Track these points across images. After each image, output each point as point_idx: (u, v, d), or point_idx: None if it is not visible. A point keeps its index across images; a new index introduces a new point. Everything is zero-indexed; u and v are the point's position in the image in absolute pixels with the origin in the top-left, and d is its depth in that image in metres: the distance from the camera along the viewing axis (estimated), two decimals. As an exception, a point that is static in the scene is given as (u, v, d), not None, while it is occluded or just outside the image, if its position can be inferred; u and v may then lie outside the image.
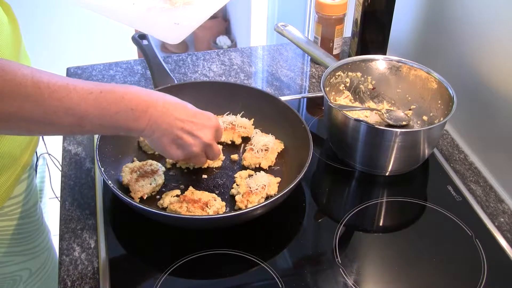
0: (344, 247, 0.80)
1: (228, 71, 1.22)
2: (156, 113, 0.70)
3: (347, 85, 1.02)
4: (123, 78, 1.18)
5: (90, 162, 0.94)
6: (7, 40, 0.79)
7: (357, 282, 0.74)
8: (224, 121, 0.97)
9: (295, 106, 1.10)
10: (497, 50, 0.90)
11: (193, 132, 0.75)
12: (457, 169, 0.96)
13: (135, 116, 0.68)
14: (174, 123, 0.72)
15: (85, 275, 0.75)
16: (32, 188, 0.94)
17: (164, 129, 0.72)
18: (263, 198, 0.83)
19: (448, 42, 1.04)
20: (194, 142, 0.75)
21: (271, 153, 0.91)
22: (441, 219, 0.85)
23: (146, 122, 0.70)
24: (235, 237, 0.80)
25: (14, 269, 0.93)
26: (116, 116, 0.67)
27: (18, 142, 0.85)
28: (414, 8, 1.14)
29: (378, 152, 0.89)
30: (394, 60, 1.01)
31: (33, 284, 0.98)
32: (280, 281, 0.74)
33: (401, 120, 0.98)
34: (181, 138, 0.74)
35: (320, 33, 1.19)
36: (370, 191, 0.91)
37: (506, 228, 0.84)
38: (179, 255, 0.76)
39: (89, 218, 0.84)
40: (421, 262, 0.78)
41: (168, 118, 0.72)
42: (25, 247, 0.94)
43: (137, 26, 1.04)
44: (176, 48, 3.19)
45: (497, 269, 0.77)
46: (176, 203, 0.80)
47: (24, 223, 0.92)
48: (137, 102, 0.68)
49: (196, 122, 0.75)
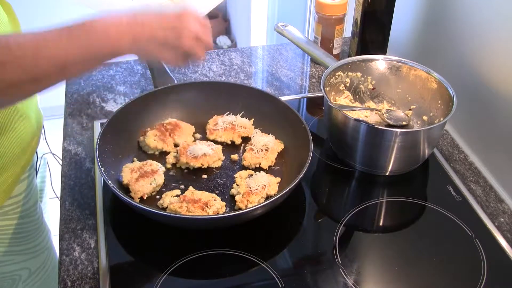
0: (344, 247, 0.80)
1: (228, 71, 1.22)
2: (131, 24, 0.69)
3: (347, 85, 1.02)
4: (123, 78, 1.18)
5: (90, 162, 0.94)
6: None
7: (357, 282, 0.74)
8: (224, 121, 0.97)
9: (295, 106, 1.10)
10: (497, 50, 0.90)
11: (176, 27, 0.72)
12: (457, 169, 0.96)
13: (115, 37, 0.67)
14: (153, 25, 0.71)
15: (85, 275, 0.75)
16: (32, 188, 0.94)
17: (147, 34, 0.70)
18: (263, 198, 0.83)
19: (448, 42, 1.04)
20: (181, 34, 0.73)
21: (271, 153, 0.91)
22: (441, 219, 0.85)
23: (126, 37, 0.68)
24: (235, 237, 0.80)
25: (13, 268, 0.93)
26: (97, 44, 0.66)
27: (18, 141, 0.85)
28: (414, 8, 1.14)
29: (378, 152, 0.89)
30: (394, 60, 1.01)
31: (32, 283, 0.98)
32: (280, 281, 0.74)
33: (401, 120, 0.98)
34: (167, 37, 0.72)
35: (320, 33, 1.19)
36: (370, 191, 0.91)
37: (506, 228, 0.84)
38: (179, 255, 0.76)
39: (89, 218, 0.84)
40: (421, 262, 0.78)
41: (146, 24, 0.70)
42: (24, 247, 0.94)
43: None
44: (176, 48, 3.19)
45: (497, 269, 0.77)
46: (176, 203, 0.80)
47: (24, 222, 0.92)
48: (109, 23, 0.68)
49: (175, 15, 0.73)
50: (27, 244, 0.94)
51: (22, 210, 0.91)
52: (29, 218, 0.93)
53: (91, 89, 1.14)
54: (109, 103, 1.10)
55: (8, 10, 0.84)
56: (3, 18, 0.79)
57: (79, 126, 1.03)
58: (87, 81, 1.17)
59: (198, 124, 0.99)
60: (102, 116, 1.06)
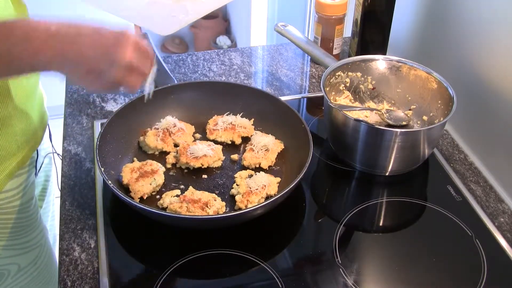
0: (344, 247, 0.80)
1: (228, 71, 1.22)
2: (60, 35, 0.62)
3: (347, 85, 1.02)
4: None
5: (90, 162, 0.94)
6: None
7: (357, 282, 0.74)
8: (224, 121, 0.97)
9: (295, 106, 1.10)
10: (497, 50, 0.90)
11: (109, 52, 0.64)
12: (457, 169, 0.96)
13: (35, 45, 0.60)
14: (86, 42, 0.63)
15: (85, 275, 0.75)
16: (28, 185, 0.94)
17: (75, 52, 0.63)
18: (263, 198, 0.83)
19: (448, 42, 1.04)
20: (113, 62, 0.65)
21: (271, 153, 0.91)
22: (441, 219, 0.85)
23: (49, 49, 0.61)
24: (235, 237, 0.80)
25: (1, 263, 0.93)
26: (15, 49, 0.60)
27: (14, 138, 0.85)
28: (414, 8, 1.14)
29: (378, 152, 0.89)
30: (394, 60, 1.01)
31: (22, 279, 0.97)
32: (280, 281, 0.74)
33: (401, 120, 0.98)
34: (97, 61, 0.64)
35: (320, 33, 1.19)
36: (370, 191, 0.91)
37: (506, 228, 0.84)
38: (179, 255, 0.76)
39: (89, 218, 0.84)
40: (421, 262, 0.78)
41: (78, 39, 0.63)
42: (13, 242, 0.93)
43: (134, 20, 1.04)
44: (176, 48, 3.19)
45: (497, 269, 0.77)
46: (176, 203, 0.80)
47: (16, 218, 0.91)
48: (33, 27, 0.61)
49: (113, 36, 0.65)
50: (17, 240, 0.93)
51: (14, 205, 0.90)
52: (22, 214, 0.92)
53: (91, 89, 1.14)
54: (109, 103, 1.10)
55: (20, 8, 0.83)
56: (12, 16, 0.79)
57: (79, 126, 1.03)
58: (87, 81, 1.17)
59: (198, 124, 0.99)
60: (102, 116, 1.06)
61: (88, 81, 0.66)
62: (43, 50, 0.61)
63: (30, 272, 0.99)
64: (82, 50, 0.63)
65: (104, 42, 0.64)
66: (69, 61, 0.63)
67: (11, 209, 0.90)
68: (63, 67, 0.64)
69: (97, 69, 0.65)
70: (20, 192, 0.91)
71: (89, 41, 0.63)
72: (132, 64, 0.67)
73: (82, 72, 0.65)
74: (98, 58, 0.64)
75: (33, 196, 0.97)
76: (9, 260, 0.94)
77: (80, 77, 0.66)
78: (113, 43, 0.65)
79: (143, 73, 0.70)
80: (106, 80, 0.66)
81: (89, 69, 0.65)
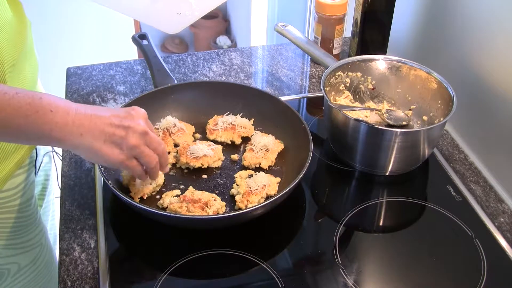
0: (344, 247, 0.80)
1: (228, 71, 1.22)
2: (79, 116, 0.67)
3: (347, 85, 1.02)
4: (123, 78, 1.18)
5: (90, 162, 0.94)
6: (8, 38, 0.79)
7: (357, 282, 0.74)
8: (224, 121, 0.97)
9: (295, 106, 1.10)
10: (497, 50, 0.90)
11: (123, 124, 0.70)
12: (457, 169, 0.96)
13: (57, 119, 0.65)
14: (101, 121, 0.69)
15: (85, 275, 0.75)
16: (27, 184, 0.94)
17: (92, 129, 0.68)
18: (263, 198, 0.83)
19: (448, 42, 1.04)
20: (128, 133, 0.71)
21: (271, 153, 0.91)
22: (441, 219, 0.85)
23: (70, 125, 0.66)
24: (235, 237, 0.80)
25: (1, 262, 0.93)
26: (35, 116, 0.64)
27: None
28: (414, 8, 1.15)
29: (378, 152, 0.89)
30: (394, 60, 1.01)
31: (22, 279, 0.98)
32: (280, 281, 0.74)
33: (401, 120, 0.98)
34: (114, 134, 0.70)
35: (320, 33, 1.19)
36: (370, 191, 0.91)
37: (506, 228, 0.84)
38: (179, 255, 0.76)
39: (89, 218, 0.84)
40: (421, 262, 0.78)
41: (94, 118, 0.69)
42: (14, 241, 0.93)
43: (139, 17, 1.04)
44: (176, 48, 3.19)
45: (497, 269, 0.77)
46: (176, 203, 0.80)
47: (16, 217, 0.91)
48: (56, 105, 0.65)
49: (122, 115, 0.72)
50: (17, 239, 0.93)
51: (14, 205, 0.90)
52: (21, 213, 0.92)
53: (91, 89, 1.14)
54: (109, 103, 1.10)
55: (16, 7, 0.83)
56: (6, 15, 0.79)
57: (79, 126, 1.03)
58: (87, 81, 1.17)
59: (198, 124, 0.99)
60: (102, 116, 1.05)
61: (106, 151, 0.71)
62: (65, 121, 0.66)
63: (30, 271, 0.99)
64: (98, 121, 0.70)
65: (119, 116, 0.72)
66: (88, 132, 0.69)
67: (11, 208, 0.90)
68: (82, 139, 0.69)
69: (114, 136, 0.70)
70: (19, 191, 0.91)
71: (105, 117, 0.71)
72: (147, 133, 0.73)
73: (100, 143, 0.70)
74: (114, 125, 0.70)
75: (33, 196, 0.97)
76: (9, 259, 0.94)
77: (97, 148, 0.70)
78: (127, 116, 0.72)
79: (156, 147, 0.75)
80: (122, 147, 0.71)
81: (105, 138, 0.70)
